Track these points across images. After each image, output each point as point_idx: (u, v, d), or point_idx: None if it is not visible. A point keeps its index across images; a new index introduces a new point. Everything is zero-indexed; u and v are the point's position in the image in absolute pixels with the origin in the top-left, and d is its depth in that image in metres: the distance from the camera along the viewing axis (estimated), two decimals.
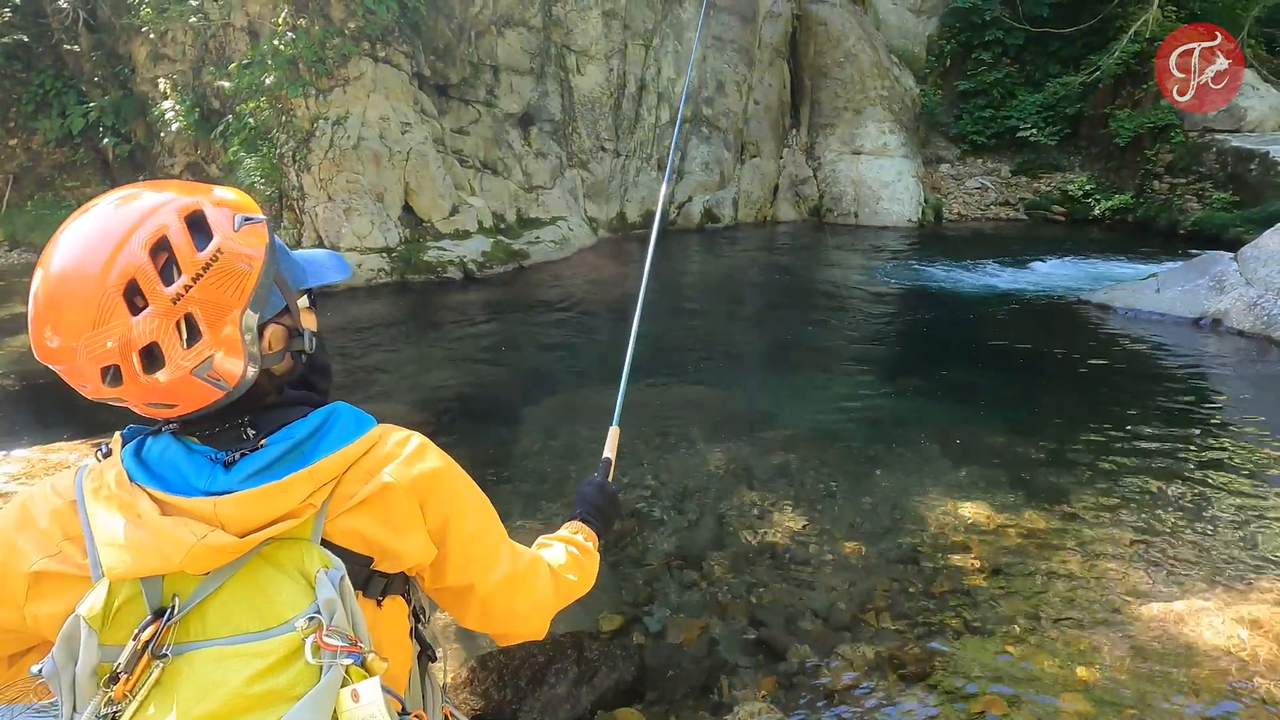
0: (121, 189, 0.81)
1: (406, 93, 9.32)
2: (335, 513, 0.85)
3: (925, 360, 6.57)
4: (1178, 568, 3.29)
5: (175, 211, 0.78)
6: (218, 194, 0.84)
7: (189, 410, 0.82)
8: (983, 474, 4.18)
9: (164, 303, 0.76)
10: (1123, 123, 12.41)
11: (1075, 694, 2.56)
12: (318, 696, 0.76)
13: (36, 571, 0.80)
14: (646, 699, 2.60)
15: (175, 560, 0.76)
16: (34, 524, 0.82)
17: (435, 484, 0.91)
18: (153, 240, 0.76)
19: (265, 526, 0.80)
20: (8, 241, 10.63)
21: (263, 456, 0.82)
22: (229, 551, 0.78)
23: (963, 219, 13.30)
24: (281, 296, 0.88)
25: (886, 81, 13.43)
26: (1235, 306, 6.83)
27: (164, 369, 0.77)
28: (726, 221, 12.86)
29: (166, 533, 0.77)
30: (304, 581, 0.81)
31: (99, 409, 0.88)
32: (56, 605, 0.80)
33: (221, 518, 0.79)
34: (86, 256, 0.75)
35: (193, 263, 0.77)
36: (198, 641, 0.79)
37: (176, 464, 0.82)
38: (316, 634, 0.78)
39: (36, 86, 10.70)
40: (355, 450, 0.87)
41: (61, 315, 0.75)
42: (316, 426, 0.86)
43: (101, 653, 0.77)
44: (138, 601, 0.79)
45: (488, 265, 9.42)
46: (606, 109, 11.84)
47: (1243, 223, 10.32)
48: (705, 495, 4.00)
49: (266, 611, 0.80)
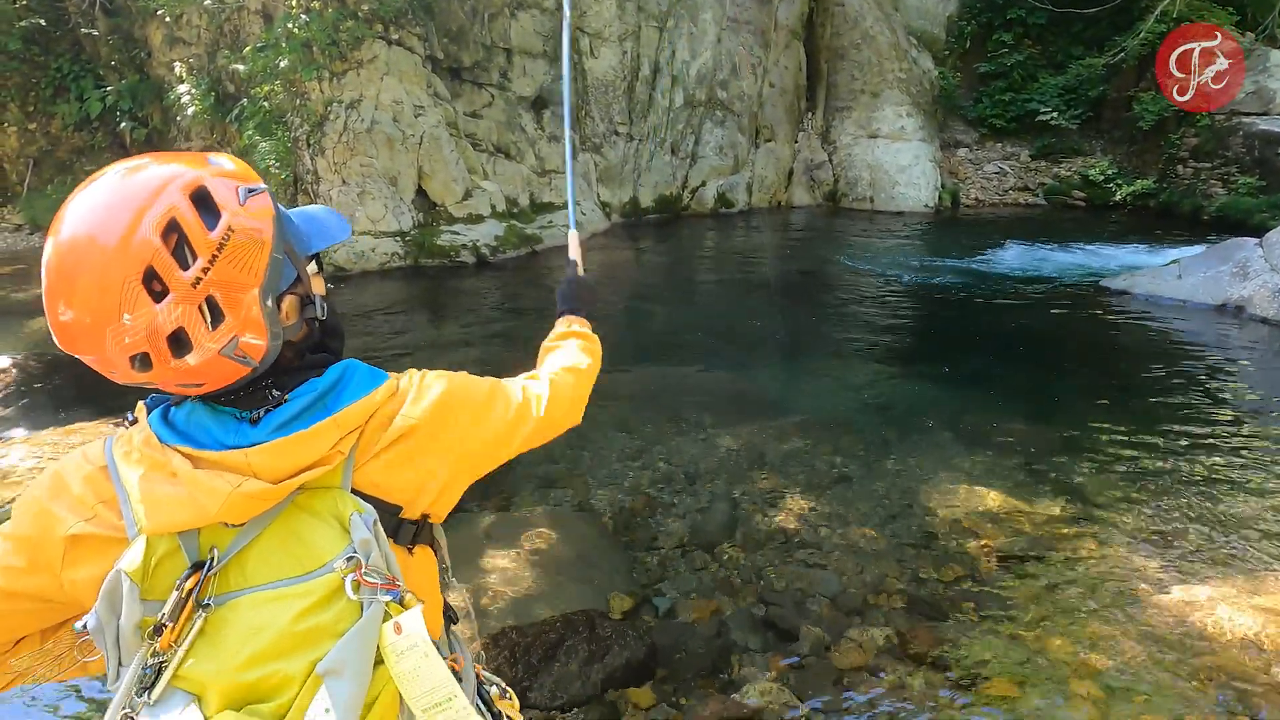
0: (131, 159, 0.81)
1: (420, 76, 9.30)
2: (362, 461, 0.87)
3: (939, 346, 6.51)
4: (1193, 555, 3.25)
5: (181, 190, 0.77)
6: (216, 163, 0.83)
7: (217, 387, 0.84)
8: (996, 460, 4.15)
9: (184, 288, 0.76)
10: (1147, 105, 12.13)
11: (1087, 680, 2.55)
12: (362, 630, 0.79)
13: (73, 535, 0.81)
14: (657, 678, 2.63)
15: (212, 510, 0.78)
16: (68, 490, 0.83)
17: (446, 409, 0.94)
18: (163, 223, 0.75)
19: (297, 474, 0.82)
20: (28, 225, 10.76)
21: (288, 410, 0.85)
22: (265, 498, 0.80)
23: (980, 204, 13.12)
24: (293, 267, 0.89)
25: (904, 64, 13.22)
26: (1259, 293, 6.70)
27: (192, 353, 0.78)
28: (740, 206, 12.76)
29: (202, 484, 0.79)
30: (338, 526, 0.83)
31: (119, 389, 0.90)
32: (94, 568, 0.81)
33: (254, 467, 0.81)
34: (99, 236, 0.74)
35: (206, 244, 0.77)
36: (238, 590, 0.80)
37: (204, 424, 0.84)
38: (356, 573, 0.80)
39: (55, 70, 10.77)
40: (375, 399, 0.89)
41: (75, 293, 0.74)
42: (335, 380, 0.89)
43: (143, 607, 0.78)
44: (176, 556, 0.80)
45: (501, 250, 9.42)
46: (620, 92, 11.75)
47: (1269, 208, 10.09)
48: (717, 479, 4.00)
49: (304, 556, 0.82)
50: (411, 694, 0.83)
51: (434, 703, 0.83)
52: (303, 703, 0.78)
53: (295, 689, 0.78)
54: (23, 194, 11.04)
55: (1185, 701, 2.45)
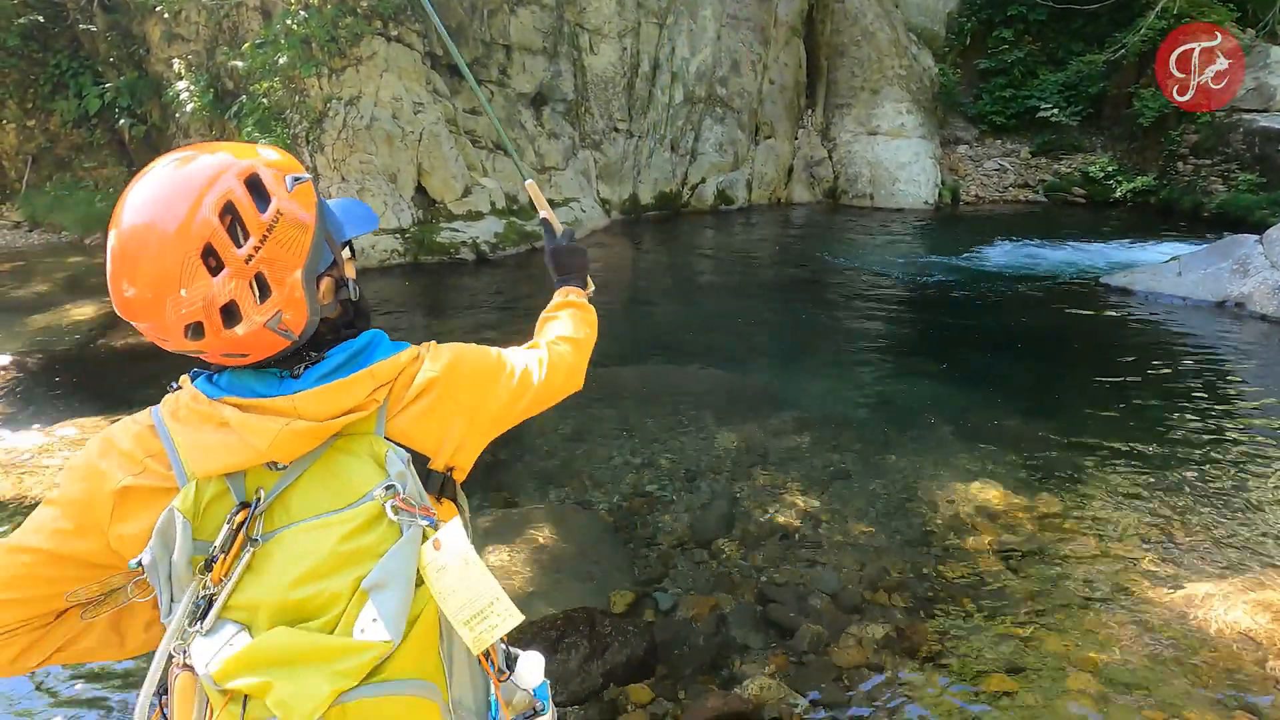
0: (178, 151, 0.87)
1: (419, 72, 9.28)
2: (393, 413, 0.95)
3: (939, 342, 6.52)
4: (1192, 552, 3.26)
5: (236, 176, 0.84)
6: (265, 155, 0.90)
7: (260, 358, 0.90)
8: (996, 457, 4.15)
9: (238, 264, 0.82)
10: (1147, 102, 12.12)
11: (1086, 675, 2.56)
12: (403, 548, 0.85)
13: (123, 488, 0.86)
14: (657, 674, 2.63)
15: (262, 448, 0.84)
16: (116, 449, 0.88)
17: (461, 369, 1.03)
18: (220, 205, 0.81)
19: (339, 417, 0.89)
20: (28, 222, 10.75)
21: (326, 364, 0.92)
22: (311, 437, 0.87)
23: (980, 201, 13.11)
24: (330, 251, 0.96)
25: (904, 60, 13.19)
26: (1259, 290, 6.70)
27: (241, 324, 0.84)
28: (740, 203, 12.75)
29: (253, 426, 0.85)
30: (374, 464, 0.89)
31: (121, 385, 0.93)
32: (143, 521, 0.85)
33: (300, 410, 0.87)
34: (159, 221, 0.80)
35: (258, 225, 0.84)
36: (283, 526, 0.86)
37: (247, 382, 0.91)
38: (395, 499, 0.86)
39: (53, 67, 10.75)
40: (402, 360, 0.97)
41: (138, 273, 0.80)
42: (366, 343, 0.97)
43: (194, 546, 0.83)
44: (224, 499, 0.86)
45: (500, 247, 9.42)
46: (620, 89, 11.73)
47: (1269, 205, 10.08)
48: (717, 476, 4.01)
49: (344, 490, 0.87)
50: (453, 609, 0.88)
51: (476, 611, 0.88)
52: (350, 616, 0.82)
53: (343, 604, 0.83)
54: (21, 191, 11.02)
55: (1183, 696, 2.46)
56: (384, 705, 0.82)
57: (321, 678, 0.79)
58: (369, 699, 0.81)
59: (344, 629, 0.82)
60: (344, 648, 0.81)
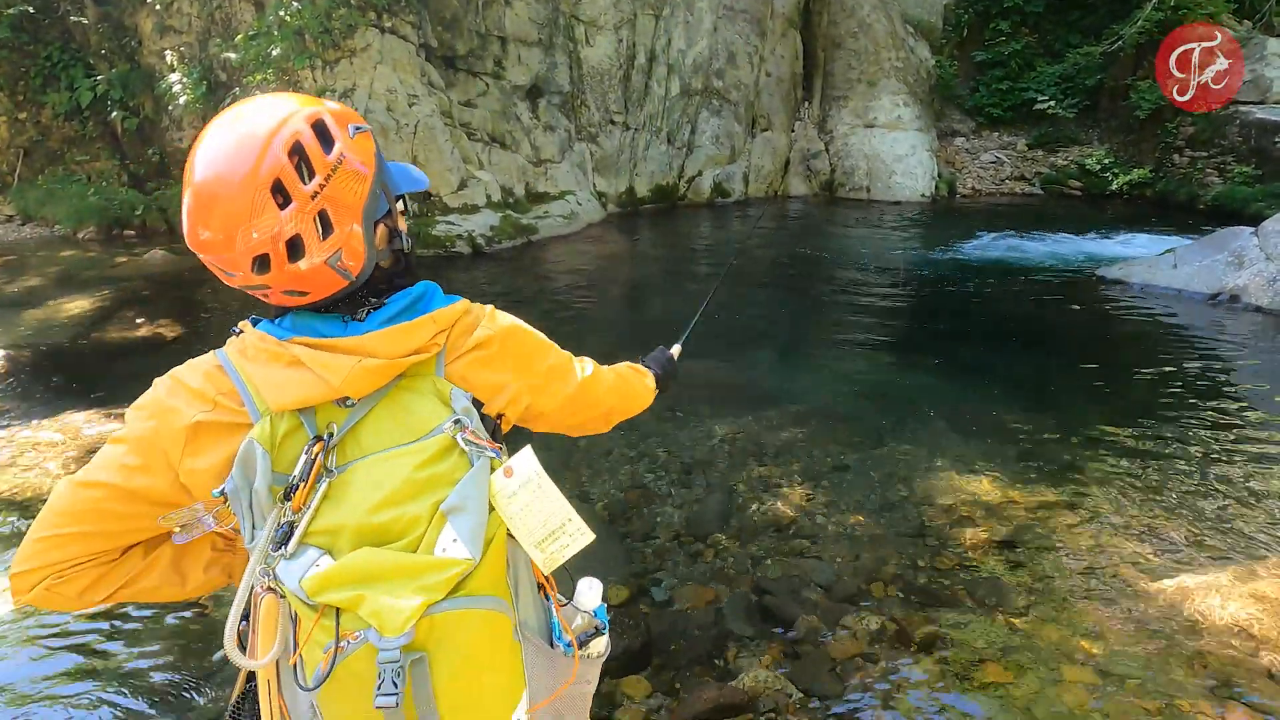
0: (245, 101, 0.93)
1: (413, 64, 9.22)
2: (450, 358, 1.00)
3: (935, 336, 6.52)
4: (1187, 544, 3.27)
5: (304, 119, 0.90)
6: (328, 105, 0.96)
7: (319, 298, 0.95)
8: (992, 449, 4.16)
9: (304, 198, 0.87)
10: (1144, 94, 12.10)
11: (1081, 666, 2.57)
12: (476, 474, 0.91)
13: (195, 423, 0.90)
14: (653, 666, 2.64)
15: (336, 383, 0.89)
16: (185, 387, 0.92)
17: (515, 333, 1.08)
18: (289, 144, 0.87)
19: (407, 356, 0.94)
20: (19, 216, 10.67)
21: (389, 309, 0.98)
22: (382, 373, 0.92)
23: (977, 194, 13.10)
24: (386, 201, 1.00)
25: (901, 53, 13.16)
26: (1254, 282, 6.71)
27: (304, 258, 0.89)
28: (736, 196, 12.72)
29: (326, 362, 0.90)
30: (439, 400, 0.95)
31: (114, 380, 0.93)
32: (215, 456, 0.90)
33: (370, 349, 0.92)
34: (232, 163, 0.86)
35: (324, 164, 0.89)
36: (356, 459, 0.91)
37: (312, 324, 0.96)
38: (464, 431, 0.93)
39: (44, 59, 10.65)
40: (458, 308, 1.03)
41: (213, 214, 0.86)
42: (423, 291, 1.03)
43: (273, 476, 0.88)
44: (299, 433, 0.91)
45: (496, 240, 9.38)
46: (615, 81, 11.67)
47: (1265, 197, 10.09)
48: (713, 469, 4.01)
49: (413, 425, 0.93)
50: (525, 531, 0.95)
51: (548, 532, 0.96)
52: (431, 537, 0.88)
53: (423, 527, 0.88)
54: (13, 184, 10.94)
55: (1176, 687, 2.48)
56: (466, 617, 0.88)
57: (411, 590, 0.84)
58: (454, 611, 0.87)
59: (425, 549, 0.87)
60: (430, 564, 0.86)
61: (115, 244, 9.66)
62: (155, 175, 10.81)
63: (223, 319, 6.72)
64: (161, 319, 6.64)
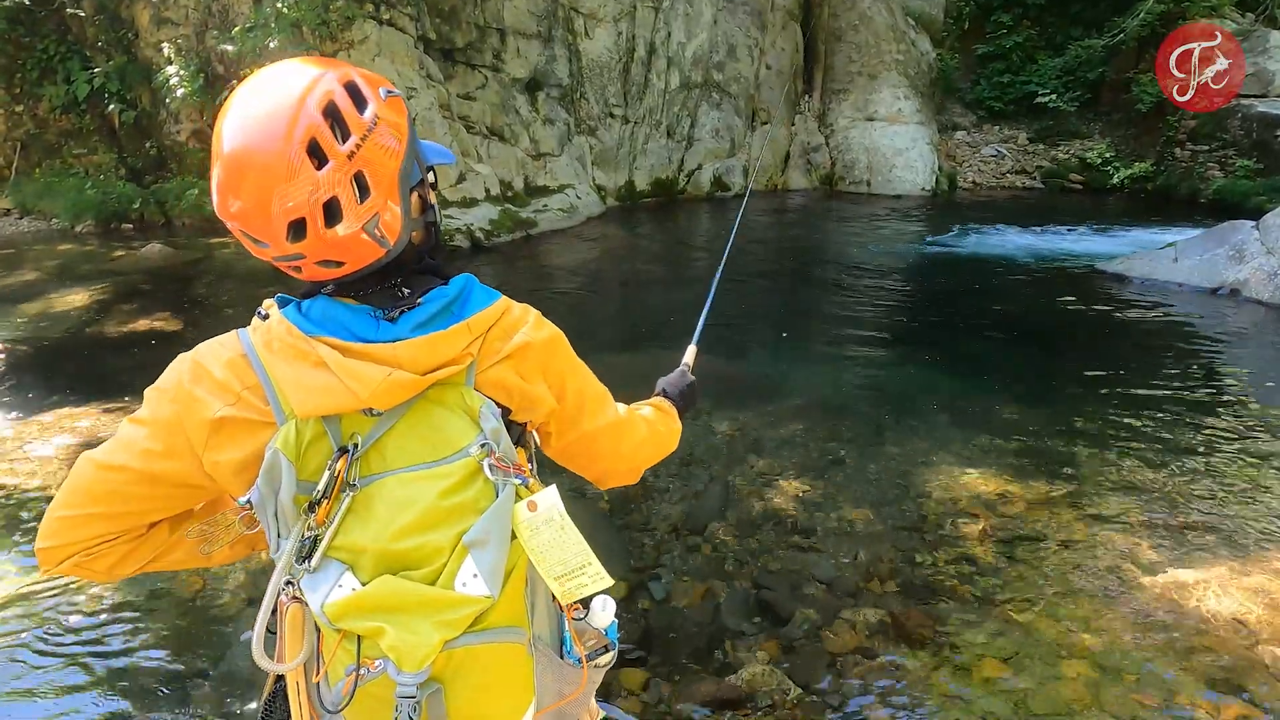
0: (274, 66, 0.89)
1: (411, 57, 9.17)
2: (484, 365, 0.96)
3: (935, 330, 6.51)
4: (1186, 538, 3.27)
5: (337, 79, 0.86)
6: (358, 70, 0.92)
7: (355, 269, 0.90)
8: (991, 443, 4.15)
9: (341, 159, 0.83)
10: (1145, 88, 12.06)
11: (1079, 661, 2.57)
12: (500, 506, 0.89)
13: (219, 418, 0.87)
14: (651, 661, 2.64)
15: (363, 395, 0.86)
16: (209, 376, 0.89)
17: (556, 347, 1.03)
18: (324, 104, 0.84)
19: (437, 370, 0.90)
20: (17, 209, 10.63)
21: (424, 311, 0.93)
22: (410, 387, 0.88)
23: (978, 188, 13.06)
24: (418, 170, 0.96)
25: (902, 45, 13.09)
26: (1255, 276, 6.70)
27: (341, 223, 0.85)
28: (736, 190, 12.69)
29: (354, 372, 0.86)
30: (468, 418, 0.92)
31: (112, 373, 0.91)
32: (238, 451, 0.88)
33: (400, 360, 0.88)
34: (266, 125, 0.82)
35: (359, 124, 0.85)
36: (380, 473, 0.89)
37: (341, 319, 0.91)
38: (490, 457, 0.90)
39: (40, 52, 10.58)
40: (496, 311, 0.98)
41: (246, 179, 0.82)
42: (460, 290, 0.97)
43: (298, 486, 0.86)
44: (323, 441, 0.88)
45: (495, 234, 9.35)
46: (615, 74, 11.62)
47: (1266, 191, 10.07)
48: (712, 463, 4.00)
49: (440, 443, 0.90)
50: (546, 565, 0.93)
51: (567, 571, 0.93)
52: (452, 569, 0.87)
53: (444, 558, 0.87)
54: (10, 178, 10.90)
55: (1175, 681, 2.48)
56: (482, 651, 0.89)
57: (431, 626, 0.85)
58: (473, 646, 0.88)
59: (445, 581, 0.87)
60: (450, 600, 0.86)
61: (113, 237, 9.63)
62: (153, 169, 10.77)
63: (219, 312, 6.71)
64: (159, 312, 6.63)
